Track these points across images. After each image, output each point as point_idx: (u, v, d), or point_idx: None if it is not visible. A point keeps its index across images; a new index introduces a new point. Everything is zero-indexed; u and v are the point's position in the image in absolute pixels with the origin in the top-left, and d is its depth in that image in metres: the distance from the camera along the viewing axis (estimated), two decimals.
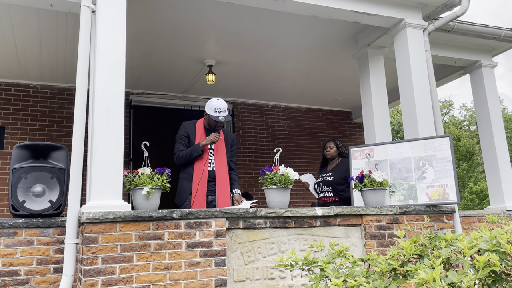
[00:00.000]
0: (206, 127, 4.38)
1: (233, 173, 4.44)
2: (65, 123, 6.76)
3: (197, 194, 4.15)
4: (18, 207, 3.36)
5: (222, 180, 4.26)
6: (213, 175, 4.24)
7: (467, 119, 31.77)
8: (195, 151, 4.18)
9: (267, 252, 3.53)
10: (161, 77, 6.84)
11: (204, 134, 4.35)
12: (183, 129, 4.38)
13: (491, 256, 1.64)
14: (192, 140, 4.31)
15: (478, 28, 5.61)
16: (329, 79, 7.22)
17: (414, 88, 4.71)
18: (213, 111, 4.21)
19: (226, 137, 4.47)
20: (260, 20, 5.14)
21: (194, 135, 4.33)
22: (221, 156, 4.34)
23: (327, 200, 4.88)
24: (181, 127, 4.41)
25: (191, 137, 4.32)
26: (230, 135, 4.59)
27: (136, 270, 3.07)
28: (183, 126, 4.41)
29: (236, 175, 4.47)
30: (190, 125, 4.40)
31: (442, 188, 4.04)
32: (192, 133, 4.34)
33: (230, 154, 4.44)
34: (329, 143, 5.14)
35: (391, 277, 1.91)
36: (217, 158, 4.31)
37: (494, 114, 5.95)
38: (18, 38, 5.33)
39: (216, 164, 4.28)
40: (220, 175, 4.26)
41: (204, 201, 4.16)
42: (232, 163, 4.46)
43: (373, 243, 3.80)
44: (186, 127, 4.38)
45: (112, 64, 3.50)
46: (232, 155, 4.48)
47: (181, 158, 4.23)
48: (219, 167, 4.28)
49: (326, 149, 5.14)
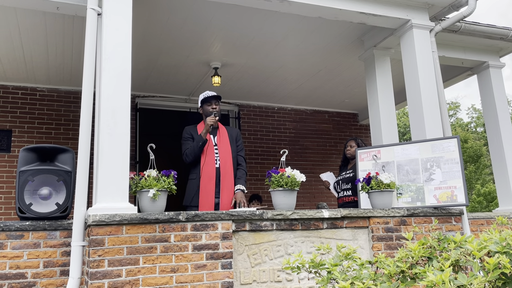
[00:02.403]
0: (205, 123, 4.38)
1: (241, 168, 4.42)
2: (72, 126, 6.79)
3: (205, 195, 4.14)
4: (25, 210, 3.37)
5: (226, 181, 4.23)
6: (219, 174, 4.23)
7: (474, 120, 31.59)
8: (198, 141, 4.21)
9: (273, 255, 3.51)
10: (167, 80, 6.85)
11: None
12: (185, 132, 4.43)
13: (501, 258, 1.62)
14: (195, 137, 4.33)
15: (485, 28, 5.58)
16: (335, 81, 7.20)
17: (421, 89, 4.68)
18: (202, 98, 4.40)
19: (230, 133, 4.48)
20: (266, 22, 5.14)
21: (197, 133, 4.35)
22: (226, 152, 4.31)
23: (346, 200, 4.87)
24: (183, 132, 4.45)
25: (194, 135, 4.35)
26: (234, 130, 4.61)
27: (143, 273, 3.06)
28: (185, 130, 4.46)
29: (243, 170, 4.43)
30: (191, 128, 4.45)
31: (450, 189, 4.00)
32: (194, 133, 4.37)
33: (236, 149, 4.44)
34: (350, 142, 5.13)
35: (399, 279, 1.89)
36: (221, 155, 4.28)
37: (502, 115, 5.91)
38: (25, 42, 5.36)
39: (221, 161, 4.27)
40: (225, 174, 4.23)
41: (212, 202, 4.14)
42: (240, 158, 4.45)
43: (380, 245, 3.78)
44: (188, 130, 4.43)
45: (118, 67, 3.51)
46: (239, 149, 4.47)
47: (189, 154, 4.24)
48: (224, 165, 4.25)
49: (346, 148, 5.13)
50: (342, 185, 4.99)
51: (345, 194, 4.91)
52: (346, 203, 4.84)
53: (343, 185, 4.97)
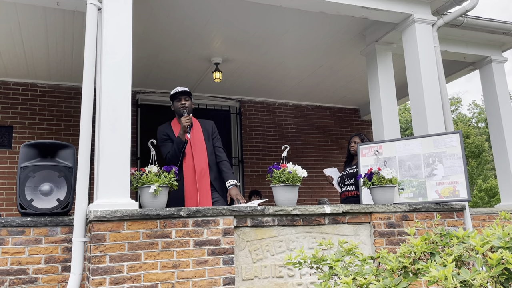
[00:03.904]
0: (180, 123, 4.21)
1: (223, 160, 4.25)
2: (73, 122, 6.78)
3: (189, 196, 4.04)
4: (26, 206, 3.36)
5: (203, 178, 4.09)
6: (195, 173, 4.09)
7: (475, 116, 31.51)
8: (177, 144, 4.06)
9: (275, 250, 3.50)
10: (168, 76, 6.83)
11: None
12: (161, 133, 4.26)
13: (504, 253, 1.61)
14: (173, 138, 4.19)
15: (487, 23, 5.54)
16: (336, 76, 7.18)
17: (423, 84, 4.66)
18: (172, 93, 4.28)
19: (204, 126, 4.33)
20: (267, 17, 5.11)
21: (173, 133, 4.22)
22: (200, 149, 4.17)
23: (349, 194, 4.87)
24: (158, 133, 4.28)
25: (171, 136, 4.21)
26: (208, 123, 4.41)
27: (144, 269, 3.06)
28: (159, 130, 4.29)
29: (226, 162, 4.25)
30: (165, 127, 4.30)
31: (452, 185, 3.99)
32: (170, 132, 4.23)
33: (213, 142, 4.29)
34: (354, 138, 5.12)
35: (401, 275, 1.88)
36: (196, 153, 4.14)
37: (504, 110, 5.88)
38: (25, 38, 5.34)
39: (196, 160, 4.12)
40: (200, 172, 4.09)
41: (196, 201, 4.04)
42: (218, 150, 4.29)
43: (382, 240, 3.77)
44: (163, 130, 4.27)
45: (118, 61, 3.49)
46: (215, 141, 4.31)
47: (171, 158, 4.10)
48: (199, 163, 4.11)
49: (351, 144, 5.11)
50: (346, 180, 4.98)
51: (348, 188, 4.91)
52: (349, 197, 4.83)
53: (347, 180, 4.97)
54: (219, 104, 7.85)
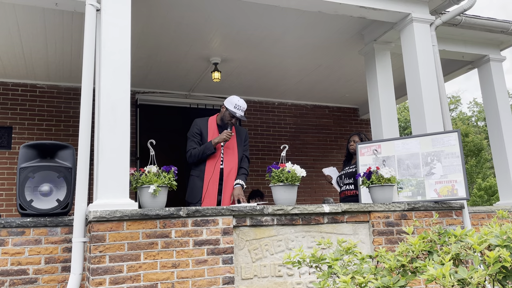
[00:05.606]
0: (218, 124, 4.38)
1: (243, 166, 4.41)
2: (72, 123, 6.78)
3: (208, 193, 4.14)
4: (25, 206, 3.37)
5: (229, 180, 4.25)
6: (222, 174, 4.24)
7: (475, 114, 31.52)
8: (208, 149, 4.17)
9: (274, 250, 3.51)
10: (167, 76, 6.84)
11: (217, 130, 4.34)
12: (195, 126, 4.35)
13: (502, 252, 1.62)
14: (204, 137, 4.29)
15: (486, 22, 5.55)
16: (335, 76, 7.19)
17: (422, 83, 4.67)
18: (233, 106, 4.23)
19: (239, 133, 4.47)
20: (265, 17, 5.12)
21: (207, 132, 4.31)
22: (232, 154, 4.31)
23: (348, 193, 4.87)
24: (193, 124, 4.38)
25: (204, 134, 4.30)
26: (243, 130, 4.57)
27: (144, 268, 3.07)
28: (195, 123, 4.38)
29: (244, 168, 4.42)
30: (202, 122, 4.38)
31: (451, 183, 4.00)
32: (204, 130, 4.32)
33: (243, 149, 4.43)
34: (353, 137, 5.12)
35: (400, 273, 1.89)
36: (227, 156, 4.28)
37: (503, 108, 5.90)
38: (24, 38, 5.34)
39: (225, 162, 4.26)
40: (228, 174, 4.25)
41: (214, 200, 4.16)
42: (244, 158, 4.45)
43: (381, 239, 3.78)
44: (199, 124, 4.36)
45: (117, 61, 3.50)
46: (245, 149, 4.47)
47: (194, 156, 4.22)
48: (228, 165, 4.26)
49: (350, 143, 5.12)
50: (345, 179, 4.99)
51: (347, 188, 4.92)
52: (348, 196, 4.84)
53: (346, 180, 4.97)
54: (218, 104, 7.86)
